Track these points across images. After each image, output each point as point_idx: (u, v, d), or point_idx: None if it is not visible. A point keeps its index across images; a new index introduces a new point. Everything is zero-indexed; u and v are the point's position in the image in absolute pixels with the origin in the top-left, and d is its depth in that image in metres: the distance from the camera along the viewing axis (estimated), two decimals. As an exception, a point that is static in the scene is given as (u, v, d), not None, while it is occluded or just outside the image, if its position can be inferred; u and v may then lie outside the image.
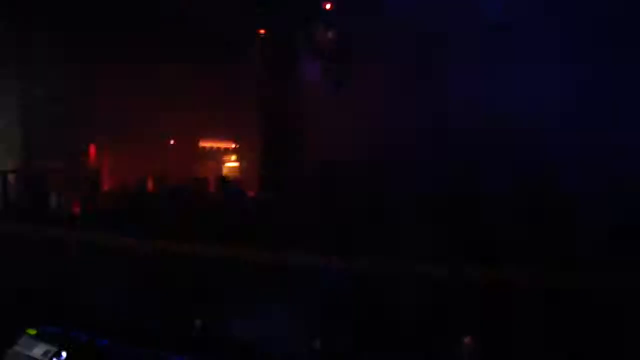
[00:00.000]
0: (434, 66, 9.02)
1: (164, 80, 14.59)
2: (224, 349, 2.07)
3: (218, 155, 17.50)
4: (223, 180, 11.60)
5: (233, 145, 17.19)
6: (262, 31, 12.36)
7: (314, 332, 2.89)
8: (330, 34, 11.50)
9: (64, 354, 2.34)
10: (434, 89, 8.77)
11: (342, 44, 11.22)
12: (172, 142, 16.41)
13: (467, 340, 3.44)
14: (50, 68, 14.85)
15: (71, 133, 13.56)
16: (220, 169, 15.98)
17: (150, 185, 12.67)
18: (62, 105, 13.62)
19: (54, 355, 2.33)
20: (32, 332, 2.54)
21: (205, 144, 17.51)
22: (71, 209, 10.45)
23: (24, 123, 14.59)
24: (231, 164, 16.78)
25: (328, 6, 11.30)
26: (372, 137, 9.15)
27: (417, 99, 8.93)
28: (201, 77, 14.55)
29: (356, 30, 10.67)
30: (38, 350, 2.41)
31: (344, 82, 10.83)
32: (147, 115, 14.59)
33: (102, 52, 14.48)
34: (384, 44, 9.97)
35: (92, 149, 15.61)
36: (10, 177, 13.34)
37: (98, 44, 14.50)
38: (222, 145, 17.76)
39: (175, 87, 14.49)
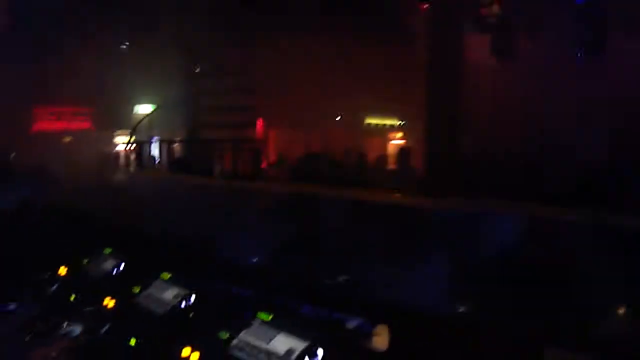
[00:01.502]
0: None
1: (331, 55, 14.85)
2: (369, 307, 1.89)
3: (384, 133, 17.62)
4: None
5: (399, 123, 17.21)
6: (425, 5, 12.16)
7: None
8: (495, 7, 11.11)
9: (193, 298, 2.29)
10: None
11: (507, 16, 10.81)
12: (338, 118, 16.71)
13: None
14: (218, 41, 15.57)
15: (238, 106, 14.11)
16: (386, 146, 16.06)
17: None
18: (231, 79, 14.18)
19: (183, 299, 2.30)
20: (166, 276, 2.53)
21: (371, 120, 17.69)
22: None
23: (190, 95, 15.42)
24: (397, 141, 16.82)
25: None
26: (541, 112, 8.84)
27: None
28: (368, 53, 14.69)
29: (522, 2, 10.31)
30: (169, 293, 2.39)
31: (510, 56, 10.46)
32: (314, 90, 14.93)
33: (270, 27, 15.01)
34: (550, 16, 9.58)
35: (259, 122, 16.20)
36: (176, 146, 14.17)
37: (267, 19, 15.04)
38: (389, 122, 17.84)
39: (343, 63, 14.70)
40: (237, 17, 14.76)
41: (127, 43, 16.04)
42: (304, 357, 1.80)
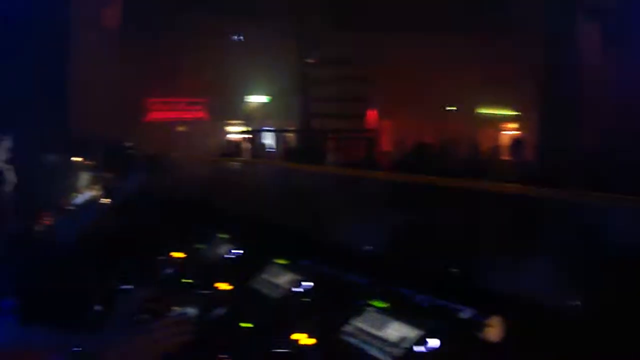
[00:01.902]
0: None
1: (444, 46, 14.72)
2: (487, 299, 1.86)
3: (496, 124, 17.32)
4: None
5: (513, 114, 16.89)
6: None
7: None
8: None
9: (308, 284, 2.32)
10: None
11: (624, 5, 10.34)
12: (451, 108, 16.54)
13: None
14: (331, 31, 15.70)
15: (351, 96, 14.19)
16: (498, 138, 15.80)
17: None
18: (344, 69, 14.27)
19: (298, 284, 2.34)
20: (281, 261, 2.58)
21: (484, 111, 17.41)
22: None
23: (303, 85, 15.61)
24: (510, 132, 16.53)
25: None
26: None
27: None
28: (481, 45, 14.46)
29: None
30: (284, 278, 2.43)
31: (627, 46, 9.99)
32: (427, 80, 14.83)
33: (384, 17, 15.03)
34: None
35: (372, 113, 16.22)
36: (289, 136, 14.40)
37: (381, 9, 15.05)
38: (501, 113, 17.51)
39: (455, 55, 14.54)
40: (351, 6, 14.82)
41: (241, 34, 16.40)
42: (416, 345, 1.79)
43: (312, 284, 2.32)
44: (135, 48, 14.90)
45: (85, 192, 5.36)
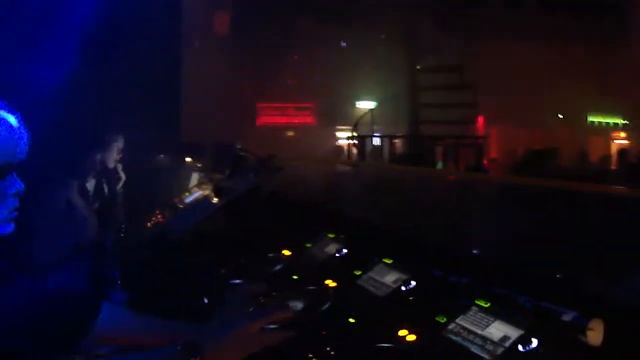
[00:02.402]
0: None
1: (554, 53, 14.45)
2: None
3: (607, 131, 16.86)
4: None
5: (622, 122, 16.40)
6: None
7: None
8: None
9: (413, 283, 2.40)
10: None
11: None
12: (560, 116, 16.21)
13: None
14: (440, 37, 15.68)
15: (459, 103, 14.12)
16: (609, 145, 15.36)
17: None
18: (453, 75, 14.23)
19: (403, 283, 2.42)
20: (388, 261, 2.67)
21: (594, 119, 16.97)
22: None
23: (412, 91, 15.63)
24: (620, 140, 16.06)
25: None
26: None
27: None
28: (592, 52, 14.10)
29: None
30: (389, 277, 2.52)
31: None
32: (536, 88, 14.58)
33: (493, 24, 14.91)
34: None
35: (479, 119, 16.08)
36: (397, 142, 14.44)
37: (490, 16, 14.94)
38: (611, 121, 17.02)
39: (566, 61, 14.25)
40: (460, 13, 14.76)
41: (346, 41, 16.59)
42: (517, 345, 1.85)
43: (417, 283, 2.40)
44: (245, 53, 15.33)
45: (196, 192, 5.60)
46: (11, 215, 1.86)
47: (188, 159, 6.78)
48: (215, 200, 4.79)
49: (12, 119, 1.82)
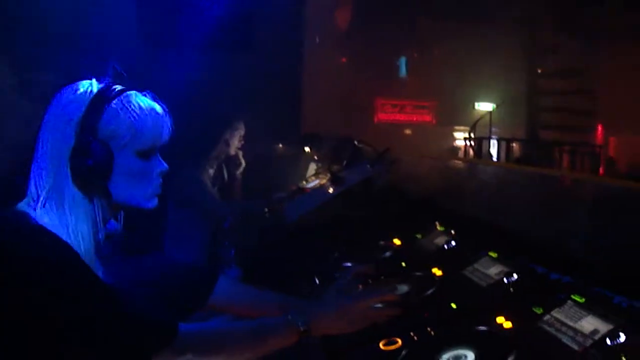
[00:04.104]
0: None
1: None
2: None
3: None
4: None
5: None
6: None
7: None
8: None
9: (515, 276, 2.52)
10: None
11: None
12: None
13: None
14: (562, 41, 15.33)
15: (579, 109, 13.81)
16: None
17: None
18: (574, 81, 13.93)
19: (505, 276, 2.54)
20: (494, 254, 2.80)
21: None
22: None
23: (531, 95, 15.37)
24: None
25: None
26: None
27: None
28: None
29: None
30: (493, 269, 2.65)
31: None
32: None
33: (617, 28, 14.41)
34: None
35: (599, 127, 15.62)
36: (514, 145, 14.26)
37: (613, 20, 14.44)
38: None
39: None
40: (585, 16, 14.38)
41: (468, 41, 16.48)
42: (606, 339, 1.97)
43: (519, 276, 2.53)
44: (366, 50, 15.51)
45: (313, 180, 5.81)
46: (156, 192, 2.09)
47: (307, 149, 7.00)
48: (331, 189, 4.97)
49: (157, 107, 2.08)
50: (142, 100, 2.03)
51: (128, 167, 1.96)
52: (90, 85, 1.98)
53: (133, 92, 2.03)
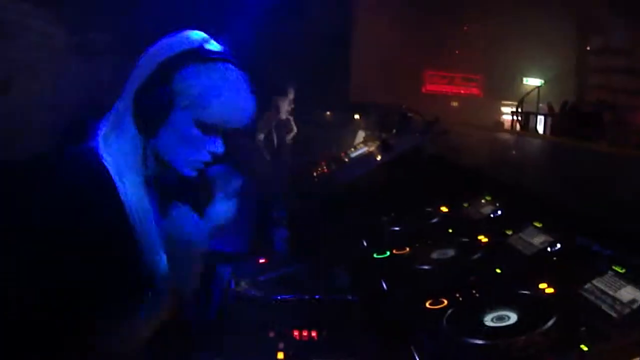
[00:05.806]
0: None
1: None
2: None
3: None
4: None
5: None
6: None
7: None
8: None
9: (558, 245, 2.59)
10: None
11: None
12: None
13: None
14: (613, 18, 15.03)
15: (626, 88, 13.59)
16: None
17: None
18: (622, 60, 13.69)
19: (549, 246, 2.60)
20: (538, 224, 2.86)
21: None
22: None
23: (579, 72, 15.14)
24: None
25: None
26: None
27: None
28: None
29: None
30: (538, 239, 2.71)
31: None
32: None
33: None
34: None
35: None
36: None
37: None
38: None
39: None
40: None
41: (518, 17, 16.25)
42: (643, 307, 2.02)
43: (562, 246, 2.59)
44: (416, 20, 15.41)
45: (362, 148, 5.89)
46: (197, 166, 2.03)
47: (356, 117, 7.05)
48: (379, 157, 5.04)
49: (246, 95, 2.03)
50: (235, 80, 1.94)
51: (181, 129, 1.86)
52: (196, 38, 1.96)
53: (234, 69, 1.98)
